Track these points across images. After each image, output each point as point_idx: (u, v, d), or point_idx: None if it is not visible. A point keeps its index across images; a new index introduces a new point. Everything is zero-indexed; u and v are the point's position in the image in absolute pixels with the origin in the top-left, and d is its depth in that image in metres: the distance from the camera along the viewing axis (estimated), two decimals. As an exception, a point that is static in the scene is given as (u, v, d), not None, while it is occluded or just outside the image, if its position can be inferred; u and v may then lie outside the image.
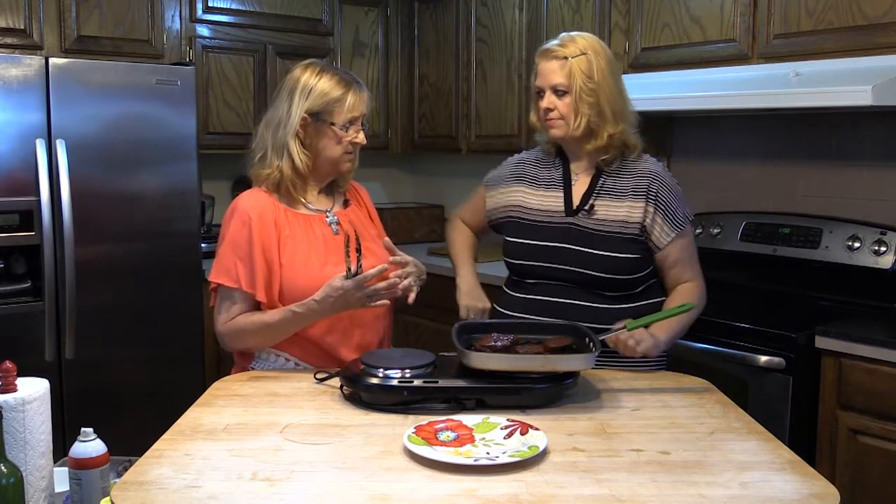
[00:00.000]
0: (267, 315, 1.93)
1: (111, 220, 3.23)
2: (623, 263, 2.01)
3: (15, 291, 3.09)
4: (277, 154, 1.98)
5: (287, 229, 1.97)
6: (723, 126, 3.36)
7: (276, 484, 1.33)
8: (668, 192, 2.05)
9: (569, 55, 2.01)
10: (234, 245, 1.95)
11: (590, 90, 2.00)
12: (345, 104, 1.96)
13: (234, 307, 1.96)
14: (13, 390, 1.41)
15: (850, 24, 2.63)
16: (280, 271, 1.94)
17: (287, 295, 1.94)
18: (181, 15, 3.76)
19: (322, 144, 1.98)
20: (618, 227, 2.03)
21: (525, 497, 1.28)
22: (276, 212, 1.98)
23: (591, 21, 3.43)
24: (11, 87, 2.99)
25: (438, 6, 4.25)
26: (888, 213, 2.88)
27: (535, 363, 1.69)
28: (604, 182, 2.07)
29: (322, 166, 2.02)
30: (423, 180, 4.93)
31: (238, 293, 1.94)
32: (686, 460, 1.43)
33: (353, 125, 1.99)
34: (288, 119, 1.96)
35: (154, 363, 3.34)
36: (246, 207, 1.97)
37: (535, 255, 2.07)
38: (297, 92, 1.97)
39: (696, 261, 2.11)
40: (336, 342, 1.97)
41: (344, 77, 2.00)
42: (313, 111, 1.96)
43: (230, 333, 1.97)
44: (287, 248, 1.95)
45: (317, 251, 1.98)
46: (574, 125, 2.02)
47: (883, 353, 2.34)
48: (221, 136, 3.92)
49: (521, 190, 2.16)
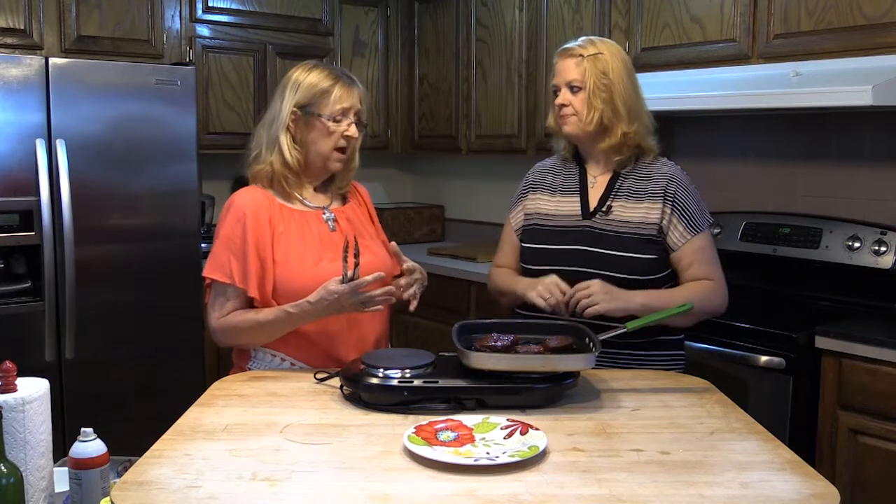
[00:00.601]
0: (261, 314, 1.93)
1: (111, 220, 3.23)
2: (640, 264, 2.01)
3: (15, 291, 3.09)
4: (269, 149, 2.00)
5: (282, 226, 1.97)
6: (723, 126, 3.36)
7: (276, 484, 1.33)
8: (686, 194, 2.05)
9: (585, 54, 2.04)
10: (229, 241, 1.95)
11: (604, 85, 2.01)
12: (332, 95, 1.97)
13: (227, 303, 1.96)
14: (13, 390, 1.41)
15: (850, 24, 2.63)
16: (273, 268, 1.94)
17: (281, 292, 1.93)
18: (181, 15, 3.76)
19: (311, 138, 1.99)
20: (635, 227, 2.03)
21: (525, 497, 1.28)
22: (270, 208, 1.98)
23: (591, 21, 3.43)
24: (11, 87, 2.99)
25: (438, 6, 4.25)
26: (888, 213, 2.88)
27: (535, 363, 1.69)
28: (621, 184, 2.08)
29: (313, 162, 2.02)
30: (423, 180, 4.93)
31: (231, 289, 1.94)
32: (686, 460, 1.43)
33: (344, 118, 1.99)
34: (279, 114, 1.99)
35: (154, 363, 3.34)
36: (241, 204, 1.98)
37: (552, 260, 2.07)
38: (288, 87, 2.00)
39: (716, 262, 2.08)
40: (333, 341, 1.97)
41: (334, 71, 2.02)
42: (302, 104, 1.97)
43: (223, 330, 1.97)
44: (281, 245, 1.95)
45: (311, 248, 1.97)
46: (587, 120, 2.03)
47: (883, 353, 2.34)
48: (221, 136, 3.92)
49: (539, 197, 2.18)
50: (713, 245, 2.10)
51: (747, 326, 2.61)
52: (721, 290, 2.07)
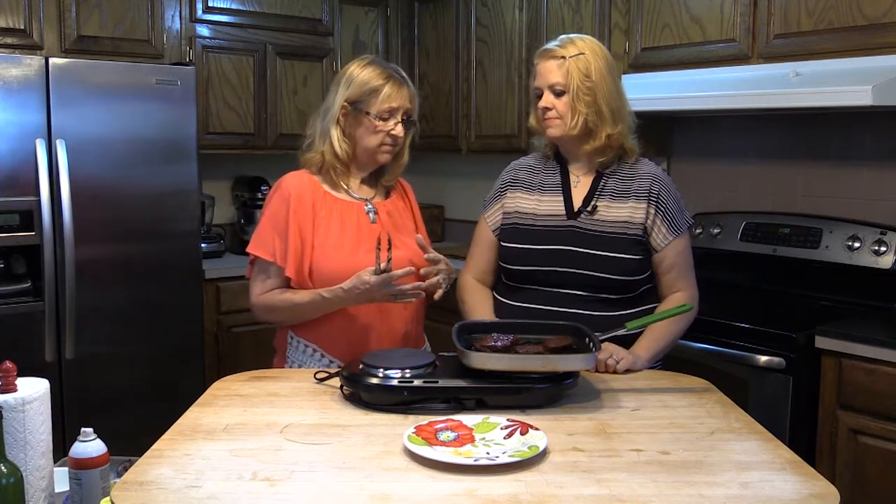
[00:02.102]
0: (297, 295, 1.99)
1: (111, 220, 3.23)
2: (626, 264, 2.00)
3: (15, 291, 3.09)
4: (322, 140, 2.06)
5: (323, 211, 2.03)
6: (723, 126, 3.36)
7: (276, 484, 1.33)
8: (669, 195, 2.04)
9: (566, 55, 2.01)
10: (274, 220, 2.01)
11: (587, 88, 1.99)
12: (381, 94, 2.01)
13: (268, 280, 2.02)
14: (13, 390, 1.41)
15: (850, 24, 2.63)
16: (311, 252, 1.99)
17: (316, 276, 1.99)
18: (181, 15, 3.76)
19: (359, 133, 2.04)
20: (620, 227, 2.02)
21: (525, 497, 1.28)
22: (315, 193, 2.04)
23: (591, 21, 3.43)
24: (11, 87, 3.00)
25: (438, 6, 4.25)
26: (888, 213, 2.88)
27: (535, 363, 1.69)
28: (605, 184, 2.06)
29: (361, 155, 2.08)
30: (423, 180, 4.92)
31: (274, 267, 2.01)
32: (686, 460, 1.43)
33: (392, 117, 2.03)
34: (332, 107, 2.05)
35: (154, 363, 3.34)
36: (288, 185, 2.05)
37: (534, 260, 2.05)
38: (342, 81, 2.05)
39: (692, 269, 2.10)
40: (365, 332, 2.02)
41: (387, 69, 2.06)
42: (352, 100, 2.03)
43: (262, 306, 2.04)
44: (320, 230, 2.01)
45: (349, 237, 2.02)
46: (571, 124, 2.01)
47: (883, 353, 2.34)
48: (221, 136, 3.92)
49: (517, 196, 2.14)
50: (691, 248, 2.10)
51: (747, 326, 2.61)
52: (696, 299, 2.08)
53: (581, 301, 2.00)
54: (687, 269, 2.08)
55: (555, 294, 2.02)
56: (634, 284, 2.02)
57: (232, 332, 3.70)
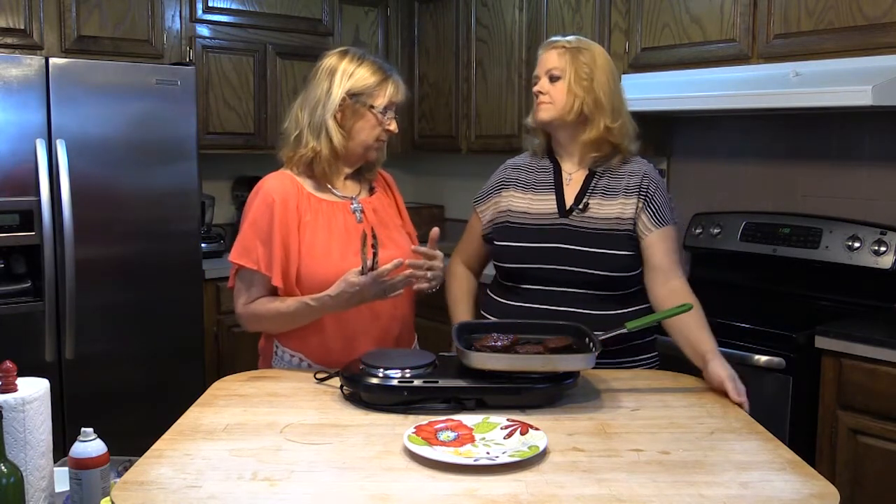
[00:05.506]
0: (283, 304, 1.93)
1: (111, 220, 3.23)
2: (618, 261, 2.00)
3: (15, 291, 3.09)
4: (314, 134, 1.98)
5: (308, 215, 1.97)
6: (723, 126, 3.36)
7: (276, 484, 1.33)
8: (658, 189, 2.05)
9: (568, 46, 2.04)
10: (257, 226, 1.95)
11: (585, 74, 2.01)
12: (385, 89, 2.00)
13: (253, 289, 1.97)
14: (13, 390, 1.41)
15: (850, 24, 2.63)
16: (298, 258, 1.94)
17: (305, 283, 1.93)
18: (181, 15, 3.76)
19: (358, 126, 1.99)
20: (612, 224, 2.02)
21: (525, 497, 1.28)
22: (299, 196, 1.98)
23: (591, 21, 3.43)
24: (11, 87, 3.00)
25: (438, 6, 4.25)
26: (888, 213, 2.88)
27: (535, 363, 1.69)
28: (597, 182, 2.07)
29: (353, 150, 2.02)
30: (423, 180, 4.93)
31: (258, 276, 1.95)
32: (686, 460, 1.43)
33: (388, 112, 2.02)
34: (328, 99, 1.97)
35: (154, 363, 3.34)
36: (270, 189, 1.97)
37: (528, 258, 2.05)
38: (338, 73, 1.98)
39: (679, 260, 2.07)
40: (355, 337, 1.97)
41: (383, 65, 2.04)
42: (354, 92, 1.97)
43: (249, 317, 2.00)
44: (307, 235, 1.95)
45: (338, 241, 1.97)
46: (566, 108, 2.01)
47: (883, 353, 2.34)
48: (221, 136, 3.92)
49: (510, 195, 2.15)
50: (677, 243, 2.07)
51: (747, 326, 2.61)
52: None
53: (577, 299, 2.01)
54: (677, 258, 2.04)
55: (550, 292, 2.03)
56: (628, 281, 2.02)
57: (232, 332, 3.69)
